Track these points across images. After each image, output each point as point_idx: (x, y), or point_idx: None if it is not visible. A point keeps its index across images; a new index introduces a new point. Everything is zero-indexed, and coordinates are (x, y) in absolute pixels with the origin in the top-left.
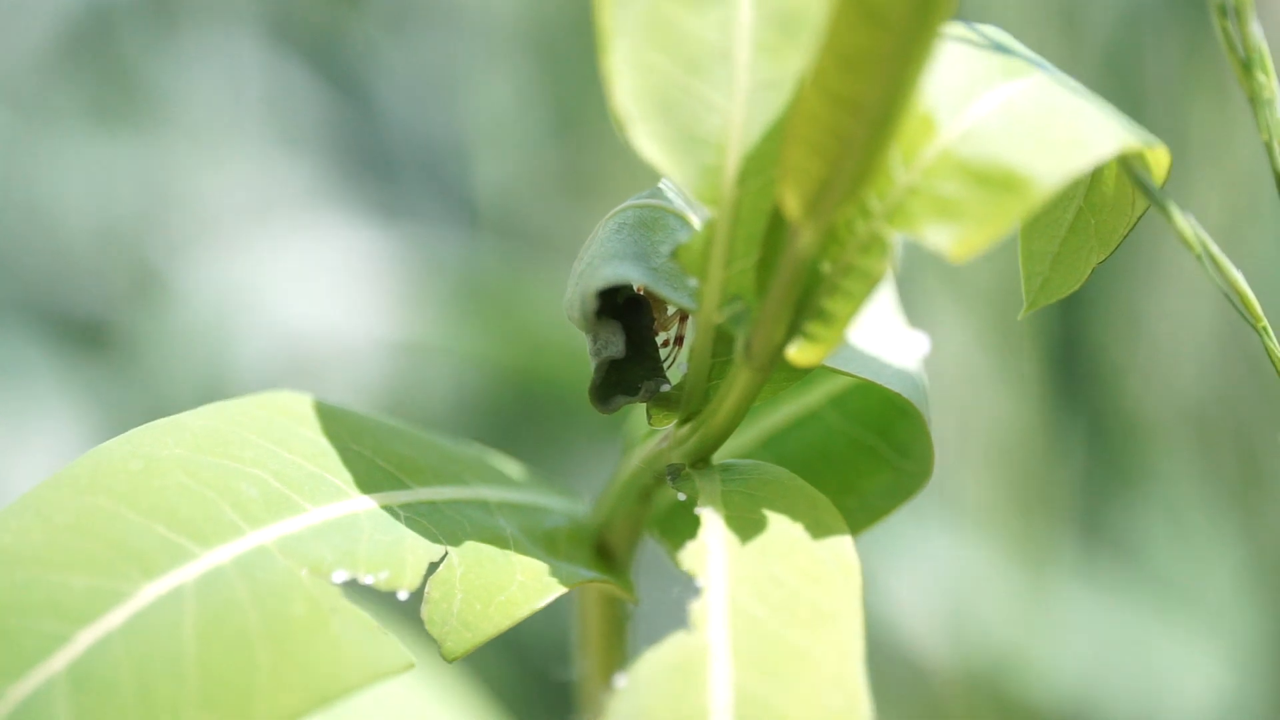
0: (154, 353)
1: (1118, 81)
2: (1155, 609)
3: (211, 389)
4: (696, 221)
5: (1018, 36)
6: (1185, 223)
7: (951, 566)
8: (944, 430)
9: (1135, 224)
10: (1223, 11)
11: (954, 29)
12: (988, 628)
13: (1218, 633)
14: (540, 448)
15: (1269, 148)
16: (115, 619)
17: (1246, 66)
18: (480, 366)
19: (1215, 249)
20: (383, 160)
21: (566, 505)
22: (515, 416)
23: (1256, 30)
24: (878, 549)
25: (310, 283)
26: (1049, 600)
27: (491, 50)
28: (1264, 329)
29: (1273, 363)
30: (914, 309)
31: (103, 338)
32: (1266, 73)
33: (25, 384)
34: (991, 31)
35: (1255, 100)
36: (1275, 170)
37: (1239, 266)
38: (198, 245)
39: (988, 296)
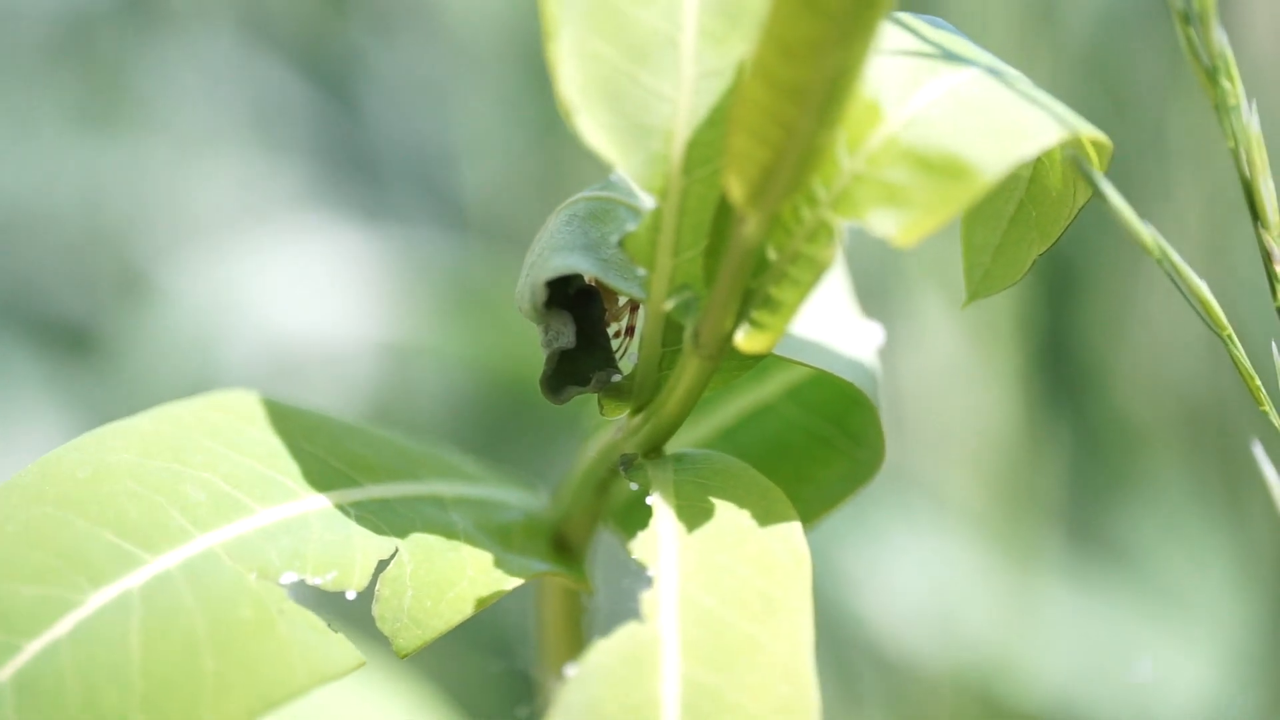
0: (140, 356)
1: (1100, 84)
2: (1143, 610)
3: (197, 392)
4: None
5: (999, 39)
6: (1134, 217)
7: (937, 567)
8: (928, 428)
9: (1076, 215)
10: (1186, 18)
11: (898, 19)
12: (974, 629)
13: (1205, 634)
14: (526, 449)
15: (1235, 155)
16: (62, 627)
17: (1211, 73)
18: (467, 368)
19: (1170, 249)
20: (369, 163)
21: (524, 499)
22: (502, 418)
23: (1220, 36)
24: (861, 550)
25: (297, 286)
26: (1036, 602)
27: (478, 54)
28: (1228, 336)
29: (1239, 370)
30: (897, 305)
31: (88, 341)
32: (1231, 79)
33: (10, 387)
34: (935, 22)
35: (1220, 107)
36: (1243, 176)
37: (1224, 270)
38: (184, 248)
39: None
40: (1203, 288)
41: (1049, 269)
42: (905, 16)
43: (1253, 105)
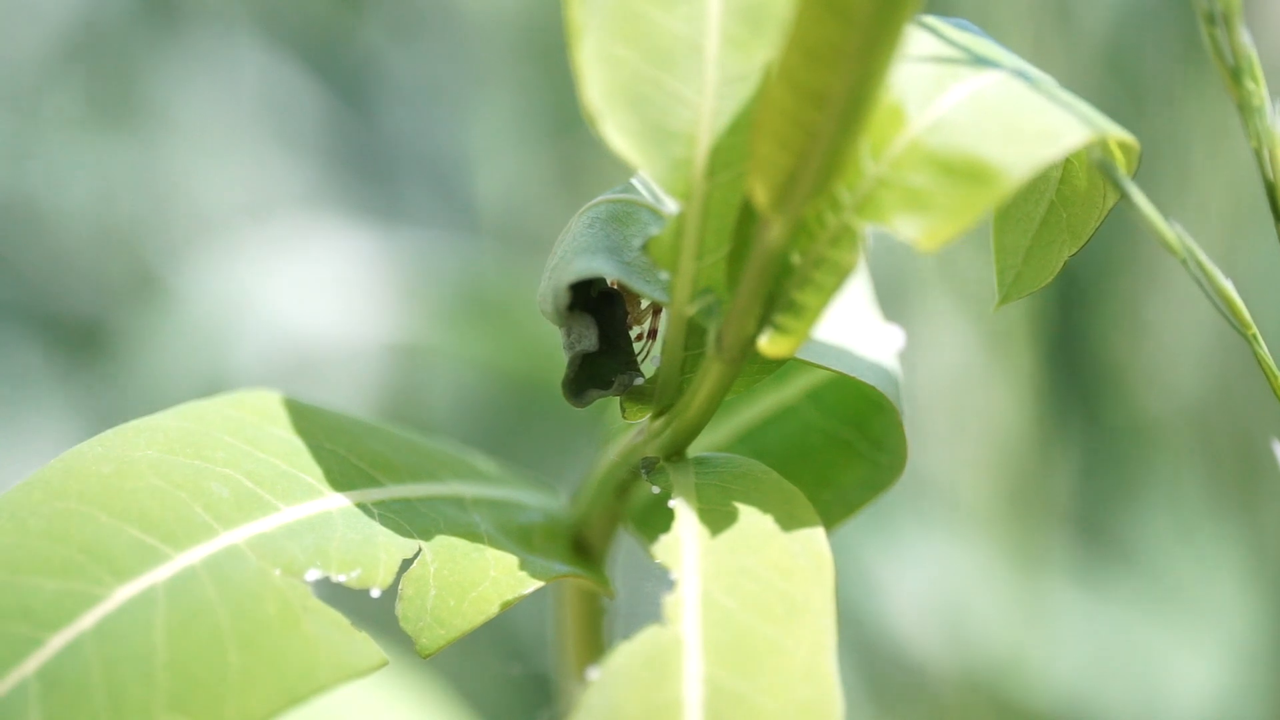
0: (152, 355)
1: (1117, 81)
2: (1153, 610)
3: (209, 391)
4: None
5: (1016, 36)
6: (1160, 218)
7: (949, 568)
8: (941, 430)
9: (1105, 216)
10: (1211, 19)
11: (922, 21)
12: (985, 630)
13: (1216, 634)
14: (538, 450)
15: (1258, 155)
16: (87, 621)
17: (1235, 74)
18: (479, 370)
19: (1197, 249)
20: (382, 164)
21: (543, 500)
22: (514, 419)
23: (1245, 37)
24: (875, 550)
25: (309, 286)
26: (1047, 602)
27: (492, 55)
28: (1253, 335)
29: (1263, 369)
30: (910, 307)
31: (100, 340)
32: (1255, 80)
33: (22, 386)
34: (960, 24)
35: (1244, 108)
36: (1265, 178)
37: (1239, 269)
38: (196, 247)
39: (984, 295)
40: (1229, 288)
41: (1062, 271)
42: (929, 19)
43: (1276, 106)
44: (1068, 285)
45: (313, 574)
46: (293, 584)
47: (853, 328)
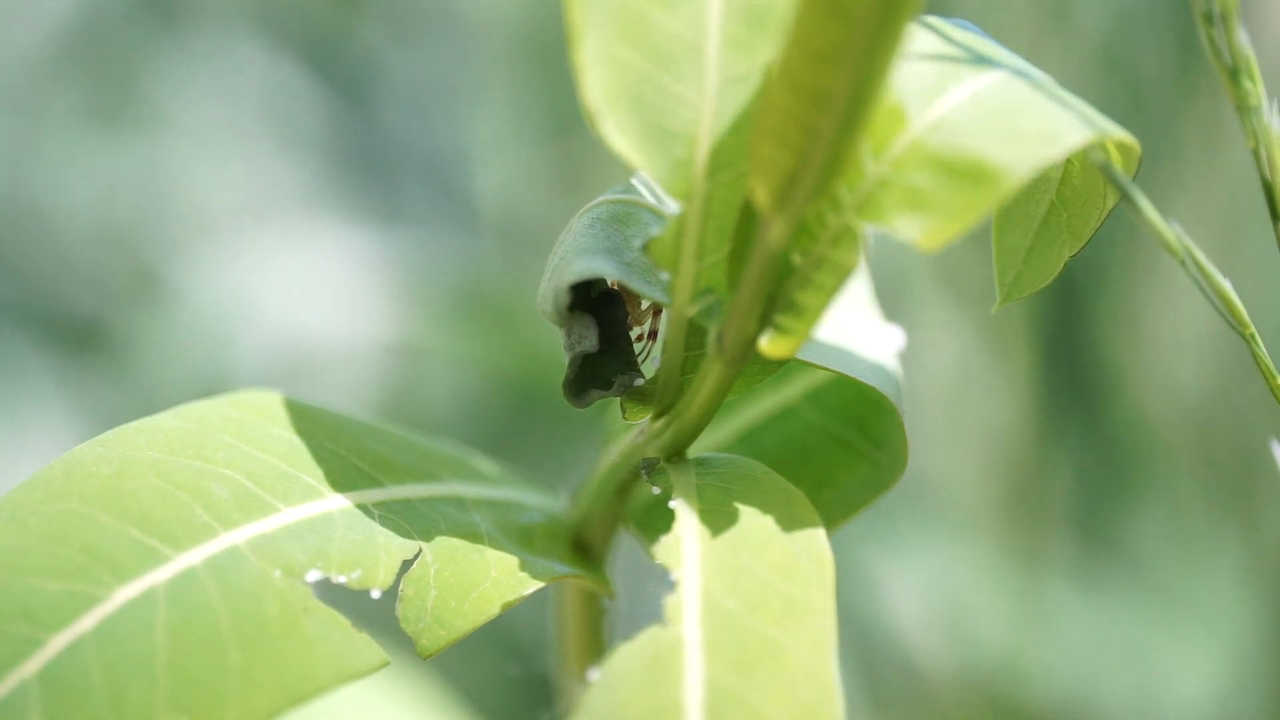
0: (152, 354)
1: (1113, 81)
2: (1152, 611)
3: (209, 391)
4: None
5: (1013, 36)
6: (1160, 219)
7: (948, 569)
8: (940, 431)
9: (1106, 217)
10: (1208, 19)
11: (923, 22)
12: (984, 630)
13: (1215, 635)
14: (538, 451)
15: (1256, 155)
16: (87, 622)
17: (1233, 74)
18: (478, 370)
19: (1196, 250)
20: (382, 163)
21: (544, 501)
22: (513, 419)
23: (1242, 37)
24: (874, 551)
25: (309, 286)
26: (1046, 603)
27: (491, 54)
28: (1251, 335)
29: (1261, 370)
30: (909, 307)
31: (100, 339)
32: (1253, 79)
33: (22, 385)
34: (961, 24)
35: (1242, 107)
36: (1263, 178)
37: (1236, 268)
38: (196, 247)
39: (983, 295)
40: (1227, 287)
41: (1061, 271)
42: (931, 19)
43: (1274, 105)
44: (1067, 285)
45: (313, 575)
46: (293, 585)
47: (853, 328)
